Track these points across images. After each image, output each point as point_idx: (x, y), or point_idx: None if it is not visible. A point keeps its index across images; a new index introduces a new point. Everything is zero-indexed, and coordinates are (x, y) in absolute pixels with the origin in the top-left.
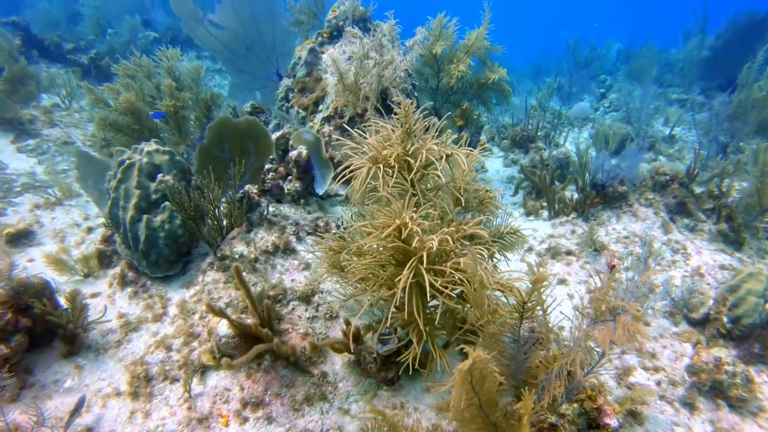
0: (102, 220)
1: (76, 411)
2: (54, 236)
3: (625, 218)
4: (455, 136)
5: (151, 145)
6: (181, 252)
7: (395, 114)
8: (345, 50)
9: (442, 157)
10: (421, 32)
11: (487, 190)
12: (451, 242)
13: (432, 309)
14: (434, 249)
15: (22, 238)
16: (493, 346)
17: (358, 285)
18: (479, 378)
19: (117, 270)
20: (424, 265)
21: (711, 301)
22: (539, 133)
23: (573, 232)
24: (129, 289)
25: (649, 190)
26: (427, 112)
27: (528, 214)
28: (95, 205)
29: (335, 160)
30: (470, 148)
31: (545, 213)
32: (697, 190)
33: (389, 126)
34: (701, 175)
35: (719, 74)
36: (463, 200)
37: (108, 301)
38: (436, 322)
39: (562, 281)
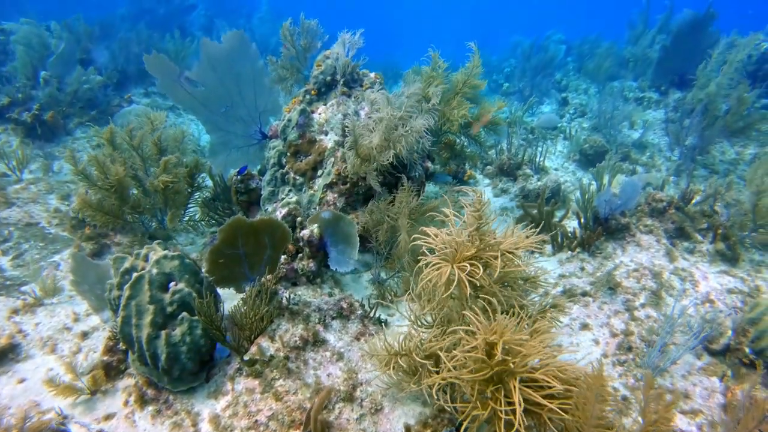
0: (98, 320)
1: None
2: (43, 346)
3: (630, 249)
4: (439, 168)
5: (157, 251)
6: (204, 360)
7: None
8: (340, 110)
9: (513, 252)
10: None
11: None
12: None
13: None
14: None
15: (7, 353)
16: None
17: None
18: None
19: (130, 383)
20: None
21: (730, 332)
22: (524, 158)
23: (582, 269)
24: (150, 408)
25: (646, 215)
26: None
27: (531, 252)
28: (92, 310)
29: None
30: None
31: (548, 248)
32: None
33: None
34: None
35: (671, 72)
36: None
37: (127, 424)
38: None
39: (585, 326)
